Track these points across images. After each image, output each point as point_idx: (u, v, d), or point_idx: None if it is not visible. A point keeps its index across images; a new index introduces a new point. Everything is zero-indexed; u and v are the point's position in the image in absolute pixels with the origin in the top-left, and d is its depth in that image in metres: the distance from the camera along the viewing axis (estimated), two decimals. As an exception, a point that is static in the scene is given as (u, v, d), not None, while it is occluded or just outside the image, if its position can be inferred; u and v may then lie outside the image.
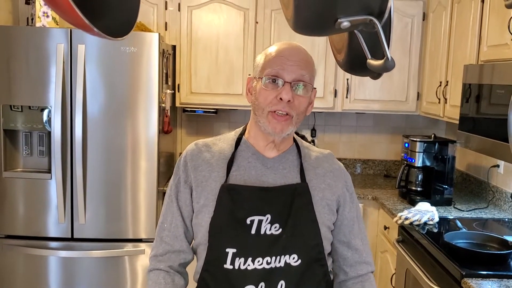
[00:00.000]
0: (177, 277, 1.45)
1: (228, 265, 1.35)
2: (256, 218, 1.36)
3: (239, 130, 1.50)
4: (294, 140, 1.50)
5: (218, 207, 1.38)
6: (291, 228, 1.37)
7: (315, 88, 1.40)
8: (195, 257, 1.49)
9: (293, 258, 1.37)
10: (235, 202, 1.37)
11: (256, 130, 1.43)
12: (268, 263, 1.35)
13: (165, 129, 3.35)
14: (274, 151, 1.44)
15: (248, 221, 1.36)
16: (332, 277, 1.50)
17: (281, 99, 1.32)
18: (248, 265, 1.35)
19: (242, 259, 1.35)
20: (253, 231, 1.35)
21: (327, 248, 1.44)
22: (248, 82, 1.45)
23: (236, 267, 1.35)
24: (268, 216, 1.36)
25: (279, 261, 1.36)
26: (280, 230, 1.36)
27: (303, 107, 1.36)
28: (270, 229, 1.36)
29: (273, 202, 1.37)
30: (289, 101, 1.32)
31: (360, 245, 1.49)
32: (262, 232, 1.36)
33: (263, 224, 1.36)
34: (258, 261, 1.35)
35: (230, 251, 1.35)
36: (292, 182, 1.41)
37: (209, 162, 1.43)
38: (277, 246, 1.36)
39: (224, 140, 1.49)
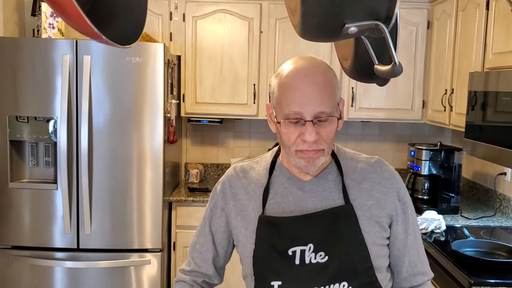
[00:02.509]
0: None
1: None
2: (298, 249, 1.29)
3: (274, 149, 1.43)
4: (334, 154, 1.38)
5: (258, 239, 1.33)
6: (338, 255, 1.28)
7: (341, 99, 1.31)
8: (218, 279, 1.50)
9: (343, 286, 1.28)
10: (274, 235, 1.31)
11: (287, 158, 1.34)
12: None
13: (170, 139, 3.36)
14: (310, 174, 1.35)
15: (290, 252, 1.29)
16: None
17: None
18: None
19: None
20: (297, 261, 1.29)
21: (383, 265, 1.35)
22: (267, 109, 1.35)
23: None
24: (311, 245, 1.29)
25: None
26: (326, 258, 1.28)
27: (332, 134, 1.27)
28: (315, 258, 1.28)
29: (314, 230, 1.29)
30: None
31: (415, 256, 1.39)
32: (307, 261, 1.28)
33: (307, 253, 1.28)
34: None
35: (276, 284, 1.29)
36: (334, 205, 1.31)
37: (247, 189, 1.39)
38: (324, 275, 1.27)
39: (261, 163, 1.43)
